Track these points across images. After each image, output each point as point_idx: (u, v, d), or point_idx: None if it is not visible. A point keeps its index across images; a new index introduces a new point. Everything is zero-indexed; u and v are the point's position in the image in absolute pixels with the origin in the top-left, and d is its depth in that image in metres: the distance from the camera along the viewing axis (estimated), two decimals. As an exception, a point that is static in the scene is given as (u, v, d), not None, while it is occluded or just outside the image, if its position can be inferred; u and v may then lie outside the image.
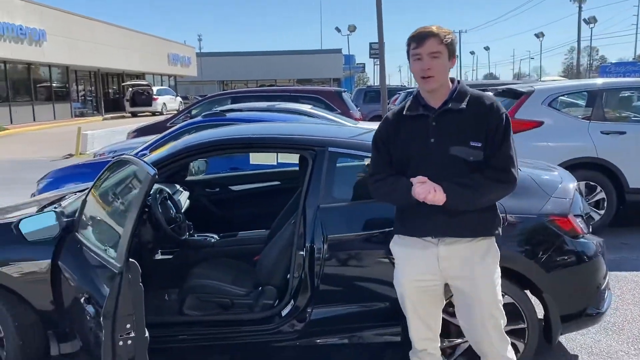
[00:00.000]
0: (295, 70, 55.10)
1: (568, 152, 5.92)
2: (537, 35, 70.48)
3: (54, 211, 2.98)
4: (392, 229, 2.58)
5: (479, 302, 2.40)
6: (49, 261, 2.97)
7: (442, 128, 2.31)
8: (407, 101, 2.43)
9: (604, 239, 3.36)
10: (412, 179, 2.30)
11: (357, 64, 70.15)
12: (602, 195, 5.94)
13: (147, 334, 2.38)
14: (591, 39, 59.79)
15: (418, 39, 2.28)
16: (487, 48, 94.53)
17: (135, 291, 2.30)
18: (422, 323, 2.52)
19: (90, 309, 2.44)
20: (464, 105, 2.31)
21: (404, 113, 2.39)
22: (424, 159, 2.31)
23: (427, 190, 2.23)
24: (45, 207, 3.41)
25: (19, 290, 3.03)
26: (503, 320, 2.47)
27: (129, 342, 2.25)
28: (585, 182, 5.93)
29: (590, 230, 3.37)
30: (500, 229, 2.45)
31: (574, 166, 5.90)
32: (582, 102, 6.97)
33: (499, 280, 2.45)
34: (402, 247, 2.48)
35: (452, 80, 2.39)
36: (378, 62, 13.25)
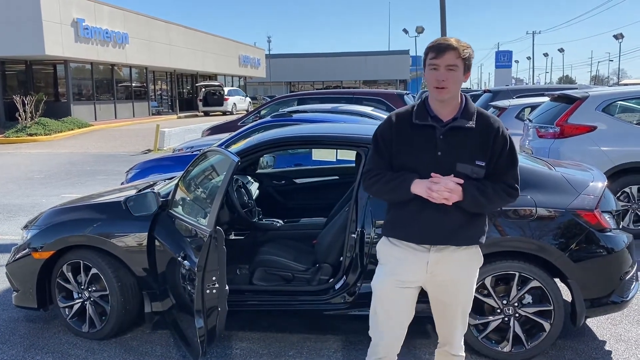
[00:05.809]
0: (362, 71, 54.90)
1: (620, 157, 6.06)
2: (616, 37, 67.38)
3: (152, 192, 3.62)
4: None
5: (458, 304, 2.54)
6: (146, 233, 3.62)
7: (449, 143, 2.36)
8: (414, 107, 2.47)
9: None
10: (433, 175, 2.32)
11: (425, 65, 68.73)
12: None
13: (227, 287, 2.97)
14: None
15: (437, 50, 2.30)
16: (561, 50, 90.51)
17: (220, 251, 2.89)
18: (391, 330, 2.53)
19: (186, 263, 3.05)
20: (472, 123, 2.38)
21: (413, 121, 2.42)
22: (430, 170, 2.33)
23: (443, 189, 2.28)
24: (141, 190, 4.08)
25: (121, 257, 3.69)
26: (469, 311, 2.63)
27: (214, 291, 2.85)
28: (638, 186, 6.09)
29: (621, 226, 3.68)
30: (485, 238, 2.52)
31: (626, 170, 6.09)
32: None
33: (475, 283, 2.60)
34: (393, 250, 2.50)
35: (460, 95, 2.43)
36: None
